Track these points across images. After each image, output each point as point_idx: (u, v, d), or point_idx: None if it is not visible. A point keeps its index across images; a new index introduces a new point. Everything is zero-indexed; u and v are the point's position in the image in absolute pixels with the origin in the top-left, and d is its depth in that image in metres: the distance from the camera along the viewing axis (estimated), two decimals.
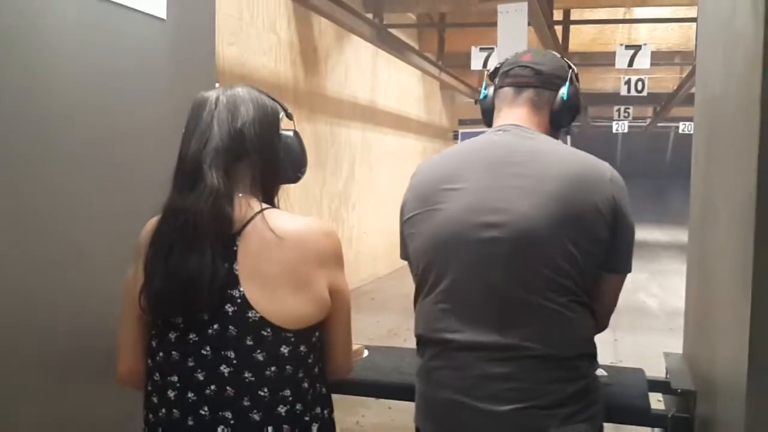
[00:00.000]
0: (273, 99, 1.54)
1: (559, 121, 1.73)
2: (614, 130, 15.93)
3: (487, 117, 1.80)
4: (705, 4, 2.24)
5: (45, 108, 1.68)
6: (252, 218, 1.40)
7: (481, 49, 7.46)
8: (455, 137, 8.29)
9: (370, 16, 7.75)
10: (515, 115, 1.71)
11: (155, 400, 1.41)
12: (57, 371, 1.71)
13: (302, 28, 7.24)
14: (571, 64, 1.79)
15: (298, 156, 1.55)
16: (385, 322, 7.05)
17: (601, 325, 1.68)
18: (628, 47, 8.21)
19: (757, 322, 1.37)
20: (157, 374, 1.41)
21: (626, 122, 15.39)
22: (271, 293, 1.37)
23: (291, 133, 1.54)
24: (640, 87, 10.08)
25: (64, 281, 1.73)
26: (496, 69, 1.82)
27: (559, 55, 1.81)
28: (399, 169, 10.72)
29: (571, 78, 1.74)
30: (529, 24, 5.59)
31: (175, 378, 1.39)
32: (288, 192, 1.60)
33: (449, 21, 9.63)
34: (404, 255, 1.75)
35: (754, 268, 1.36)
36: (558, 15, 8.29)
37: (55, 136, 1.71)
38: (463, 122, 8.22)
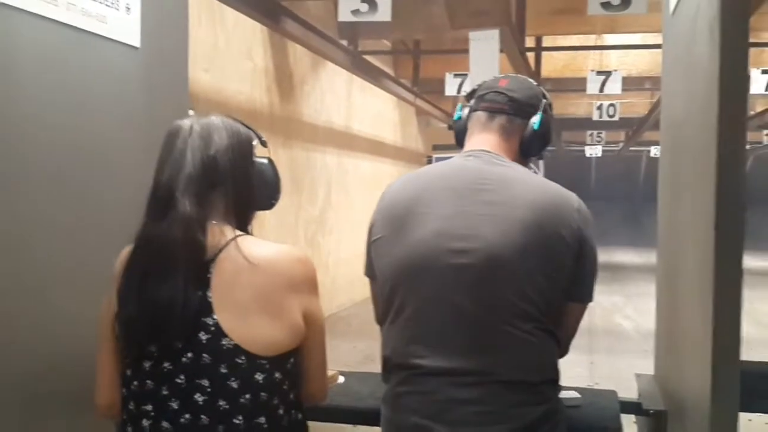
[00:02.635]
0: (247, 127, 1.55)
1: (528, 149, 1.76)
2: (587, 155, 16.13)
3: (460, 138, 1.83)
4: (669, 30, 2.31)
5: (16, 135, 1.68)
6: (225, 245, 1.40)
7: (455, 75, 7.56)
8: (429, 162, 8.35)
9: (345, 43, 7.82)
10: (486, 140, 1.74)
11: (130, 429, 1.41)
12: (32, 400, 1.70)
13: (278, 54, 7.28)
14: (546, 94, 1.82)
15: (272, 183, 1.56)
16: (361, 347, 7.03)
17: (563, 352, 1.70)
18: (599, 73, 8.35)
19: (718, 344, 1.40)
20: (132, 403, 1.41)
21: (599, 147, 15.59)
22: (244, 320, 1.37)
23: (265, 161, 1.55)
24: (611, 112, 10.24)
25: (31, 306, 1.72)
26: (473, 91, 1.84)
27: (535, 83, 1.84)
28: (375, 194, 10.65)
29: (544, 107, 1.77)
30: (501, 51, 5.67)
31: (149, 407, 1.38)
32: (264, 218, 1.60)
33: (424, 48, 9.73)
34: (369, 273, 1.77)
35: (714, 289, 1.39)
36: (530, 42, 8.42)
37: (27, 163, 1.71)
38: (437, 147, 8.29)
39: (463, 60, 6.45)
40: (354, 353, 6.69)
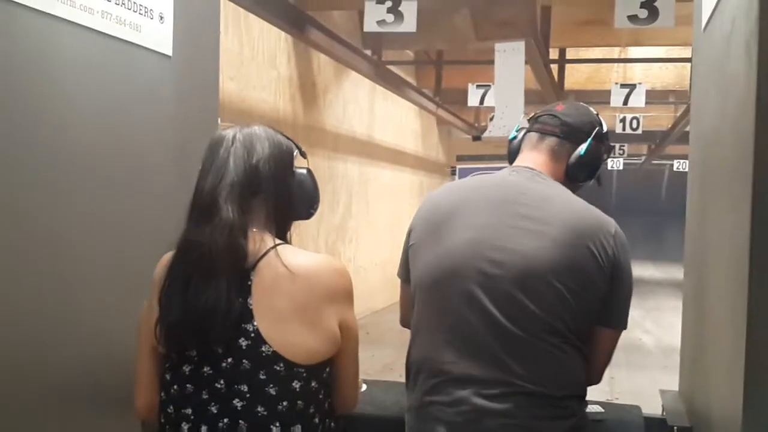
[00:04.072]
0: (288, 138, 1.58)
1: (575, 173, 1.78)
2: (609, 167, 16.03)
3: (511, 157, 1.86)
4: (700, 46, 2.29)
5: (53, 143, 1.71)
6: (266, 253, 1.42)
7: (477, 86, 7.56)
8: (453, 173, 8.35)
9: (368, 52, 7.85)
10: (534, 159, 1.78)
11: None
12: (62, 402, 1.72)
13: (301, 63, 7.32)
14: (603, 122, 1.84)
15: (311, 193, 1.58)
16: (379, 356, 7.02)
17: (594, 380, 1.71)
18: (623, 86, 8.31)
19: (751, 362, 1.38)
20: (171, 407, 1.43)
21: (621, 159, 15.49)
22: (283, 328, 1.39)
23: (304, 171, 1.57)
24: (635, 125, 10.17)
25: (66, 307, 1.74)
26: (534, 114, 1.88)
27: (594, 111, 1.86)
28: (395, 204, 10.75)
29: (596, 135, 1.78)
30: (525, 62, 5.67)
31: (189, 410, 1.41)
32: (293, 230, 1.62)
33: (447, 58, 9.74)
34: (403, 275, 1.79)
35: (748, 308, 1.38)
36: (554, 54, 8.40)
37: (63, 173, 1.73)
38: (461, 158, 8.29)
39: (486, 71, 6.46)
40: (373, 362, 6.69)
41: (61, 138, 1.73)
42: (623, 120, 10.36)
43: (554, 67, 8.40)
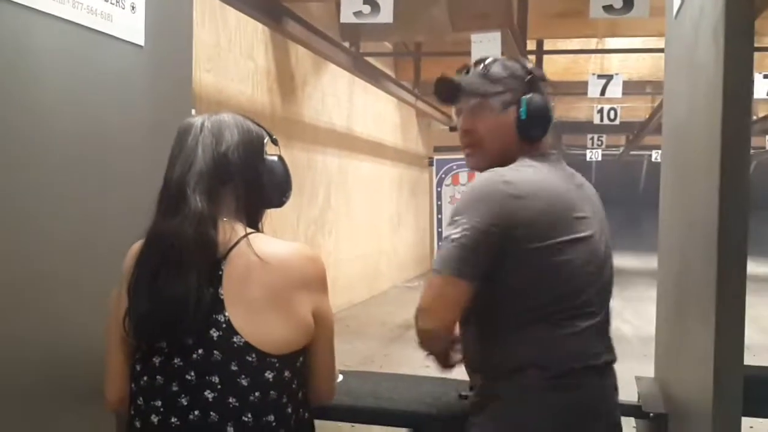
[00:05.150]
0: (258, 125, 1.55)
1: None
2: (588, 158, 16.13)
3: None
4: (671, 34, 2.31)
5: (26, 130, 1.69)
6: (237, 242, 1.40)
7: None
8: (430, 164, 8.33)
9: (346, 44, 7.82)
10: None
11: (138, 424, 1.40)
12: (32, 395, 1.70)
13: (279, 55, 7.28)
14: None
15: (283, 180, 1.55)
16: (359, 348, 7.03)
17: None
18: (600, 77, 8.35)
19: (722, 347, 1.40)
20: (141, 398, 1.41)
21: (599, 150, 15.58)
22: (255, 318, 1.37)
23: (275, 158, 1.55)
24: (612, 116, 10.23)
25: (35, 302, 1.73)
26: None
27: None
28: (375, 196, 10.74)
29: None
30: (502, 53, 5.68)
31: (158, 402, 1.38)
32: (265, 218, 1.60)
33: (425, 50, 9.73)
34: (473, 273, 1.57)
35: (717, 294, 1.39)
36: (531, 45, 8.42)
37: (34, 162, 1.71)
38: (438, 149, 8.29)
39: (464, 62, 6.46)
40: (351, 354, 6.68)
41: (35, 126, 1.71)
42: (601, 111, 10.41)
43: (532, 59, 8.41)
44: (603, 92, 8.11)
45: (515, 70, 1.72)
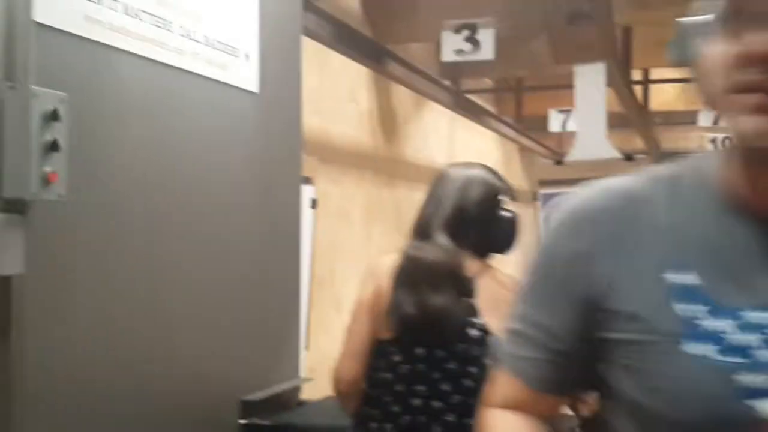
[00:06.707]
0: (501, 180, 1.91)
1: None
2: None
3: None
4: None
5: (152, 174, 1.79)
6: (481, 271, 1.75)
7: (559, 111, 7.46)
8: (535, 198, 8.23)
9: (447, 83, 7.87)
10: None
11: (397, 409, 1.68)
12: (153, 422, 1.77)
13: (381, 96, 7.40)
14: None
15: (510, 235, 1.86)
16: None
17: None
18: None
19: None
20: (400, 385, 1.69)
21: None
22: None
23: (510, 215, 1.86)
24: (726, 145, 9.79)
25: (164, 341, 1.80)
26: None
27: None
28: None
29: None
30: (607, 84, 5.57)
31: (423, 387, 1.68)
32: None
33: (526, 84, 9.66)
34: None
35: None
36: (637, 75, 8.22)
37: (154, 207, 1.81)
38: (543, 183, 8.18)
39: (567, 95, 6.37)
40: None
41: (152, 173, 1.81)
42: (714, 140, 10.00)
43: (638, 89, 8.22)
44: (716, 121, 7.79)
45: None
